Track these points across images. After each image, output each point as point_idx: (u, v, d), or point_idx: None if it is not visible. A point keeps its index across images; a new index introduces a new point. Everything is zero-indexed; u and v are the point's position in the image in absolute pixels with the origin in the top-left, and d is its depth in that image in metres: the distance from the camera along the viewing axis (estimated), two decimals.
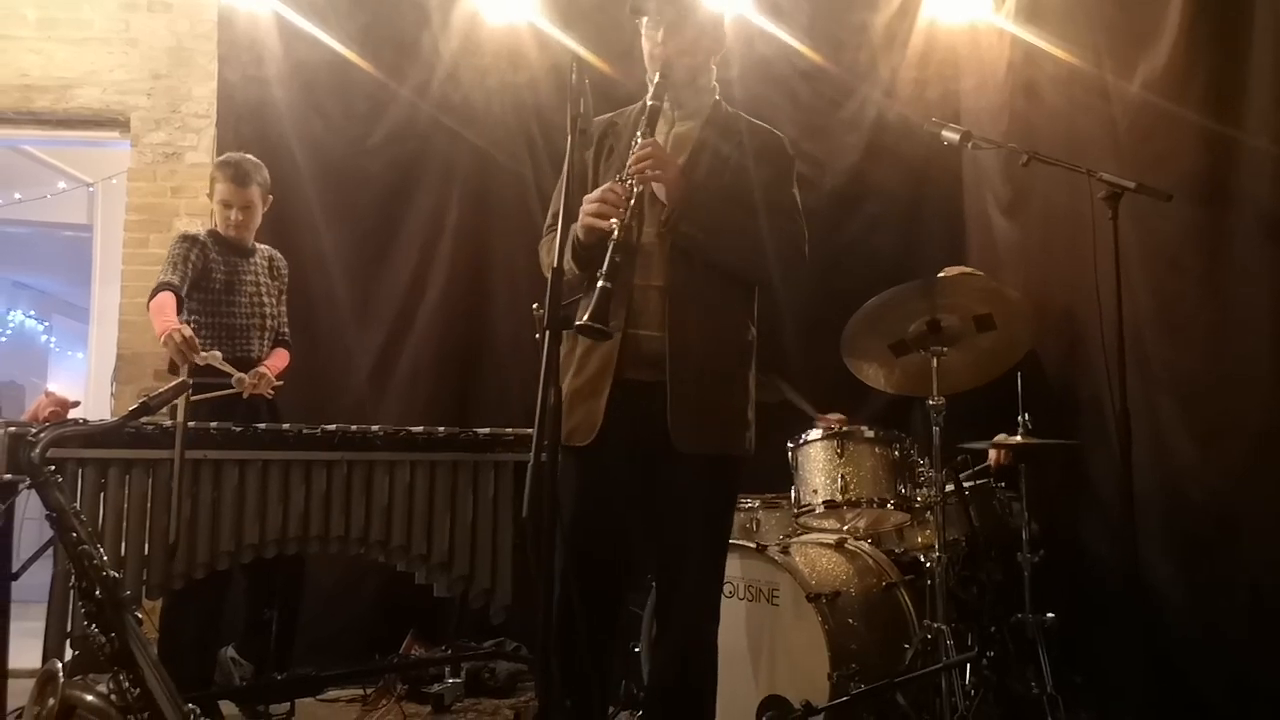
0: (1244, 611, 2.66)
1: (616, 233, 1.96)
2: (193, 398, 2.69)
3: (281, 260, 3.50)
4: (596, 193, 2.08)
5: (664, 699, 2.19)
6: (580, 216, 2.09)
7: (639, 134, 2.09)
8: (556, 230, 2.26)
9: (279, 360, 3.37)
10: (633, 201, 2.02)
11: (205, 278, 3.21)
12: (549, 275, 2.30)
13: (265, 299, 3.36)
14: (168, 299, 3.01)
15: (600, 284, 1.89)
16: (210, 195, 3.37)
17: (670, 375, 2.10)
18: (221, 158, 3.48)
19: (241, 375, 3.06)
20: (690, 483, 2.13)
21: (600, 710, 2.26)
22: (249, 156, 3.40)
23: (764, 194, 2.22)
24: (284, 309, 3.50)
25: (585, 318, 1.87)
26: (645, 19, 2.20)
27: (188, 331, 2.85)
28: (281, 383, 3.29)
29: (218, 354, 3.07)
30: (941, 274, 3.34)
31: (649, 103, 2.11)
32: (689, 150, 2.21)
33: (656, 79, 2.14)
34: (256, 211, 3.34)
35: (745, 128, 2.28)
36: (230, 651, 3.27)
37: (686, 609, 2.17)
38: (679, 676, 2.16)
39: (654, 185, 2.11)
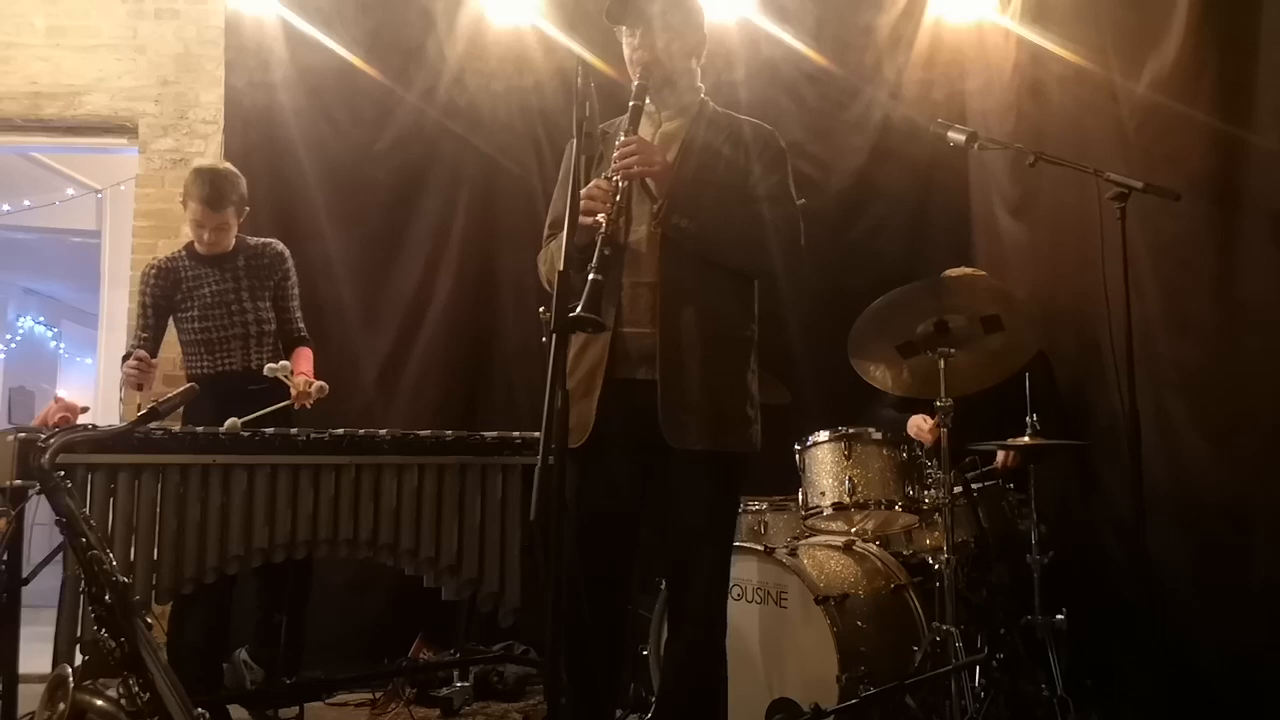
0: (1258, 611, 2.65)
1: (604, 227, 1.97)
2: (244, 418, 2.67)
3: (275, 252, 3.33)
4: (589, 189, 2.10)
5: (676, 701, 2.19)
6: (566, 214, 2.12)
7: (622, 133, 2.11)
8: (557, 237, 2.29)
9: (304, 363, 3.28)
10: (619, 196, 2.03)
11: (185, 299, 3.23)
12: (546, 283, 2.32)
13: (247, 304, 3.24)
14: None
15: (591, 276, 1.89)
16: (183, 203, 3.24)
17: (661, 371, 2.11)
18: (198, 167, 3.30)
19: (299, 382, 3.06)
20: (688, 480, 2.13)
21: (607, 713, 2.26)
22: (224, 170, 3.25)
23: (758, 186, 2.23)
24: (294, 304, 3.37)
25: (579, 309, 1.86)
26: (620, 24, 2.24)
27: (133, 361, 3.03)
28: (326, 389, 3.19)
29: (286, 364, 3.08)
30: (944, 274, 3.34)
31: (631, 104, 2.14)
32: (678, 146, 2.23)
33: (637, 82, 2.17)
34: (230, 229, 3.24)
35: (733, 122, 2.31)
36: (243, 654, 3.28)
37: (695, 609, 2.18)
38: (690, 678, 2.16)
39: (645, 179, 2.13)
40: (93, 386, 6.37)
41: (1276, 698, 2.58)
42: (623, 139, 2.10)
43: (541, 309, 2.02)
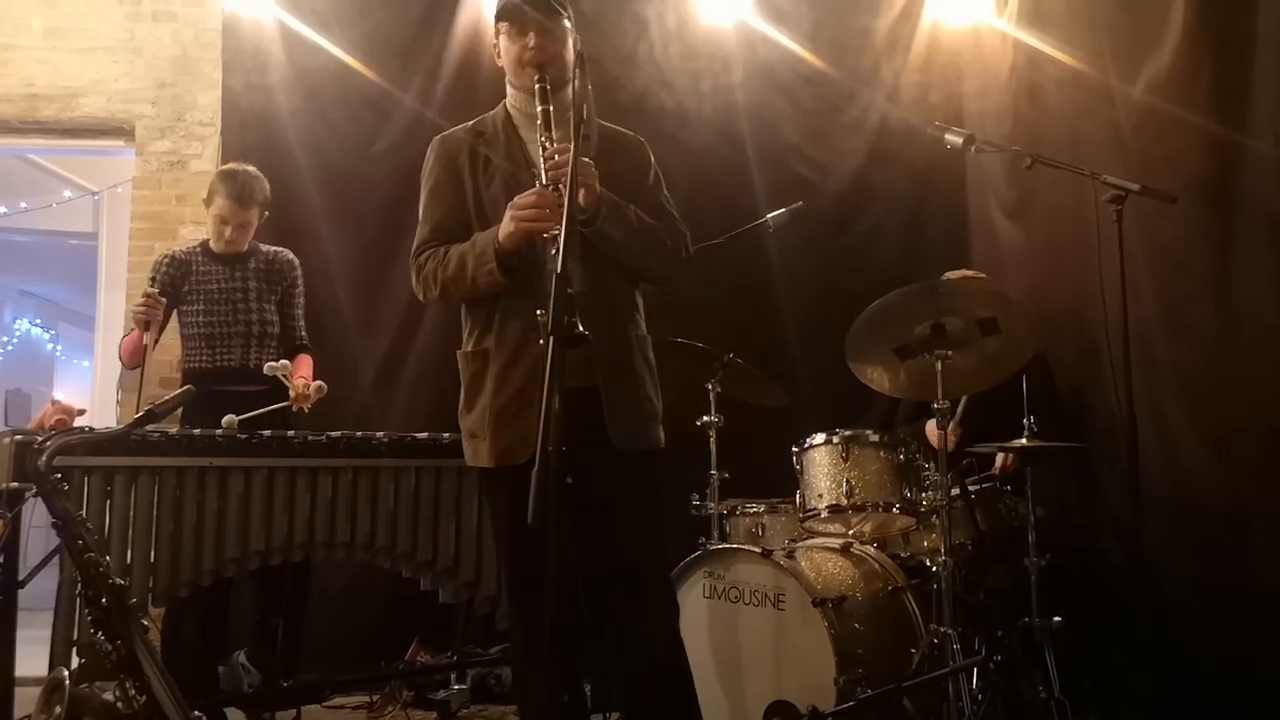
0: (1256, 612, 2.65)
1: (561, 238, 1.94)
2: (241, 416, 2.69)
3: (287, 260, 3.41)
4: (528, 198, 2.06)
5: (666, 700, 2.20)
6: (508, 224, 2.08)
7: (542, 140, 2.06)
8: (440, 245, 2.27)
9: (304, 368, 3.31)
10: (565, 206, 2.01)
11: (192, 291, 3.25)
12: (436, 293, 2.30)
13: (254, 304, 3.29)
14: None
15: (568, 291, 1.87)
16: (207, 202, 3.33)
17: (603, 377, 2.14)
18: (226, 168, 3.42)
19: (298, 384, 3.07)
20: (636, 480, 2.17)
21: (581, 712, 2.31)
22: (253, 171, 3.34)
23: (644, 196, 2.27)
24: (298, 311, 3.43)
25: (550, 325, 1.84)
26: (508, 23, 2.21)
27: (141, 299, 3.07)
28: (325, 389, 3.22)
29: (286, 364, 3.10)
30: (944, 277, 3.34)
31: (539, 108, 2.09)
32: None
33: (537, 83, 2.11)
34: (251, 229, 3.33)
35: (610, 131, 2.33)
36: (241, 657, 3.28)
37: (662, 606, 2.21)
38: (674, 673, 2.18)
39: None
40: (89, 389, 6.37)
41: (1275, 699, 2.58)
42: (546, 146, 2.06)
43: (539, 311, 2.00)
